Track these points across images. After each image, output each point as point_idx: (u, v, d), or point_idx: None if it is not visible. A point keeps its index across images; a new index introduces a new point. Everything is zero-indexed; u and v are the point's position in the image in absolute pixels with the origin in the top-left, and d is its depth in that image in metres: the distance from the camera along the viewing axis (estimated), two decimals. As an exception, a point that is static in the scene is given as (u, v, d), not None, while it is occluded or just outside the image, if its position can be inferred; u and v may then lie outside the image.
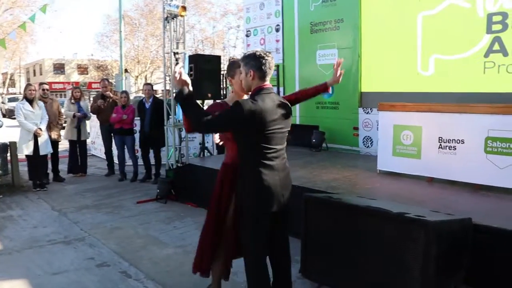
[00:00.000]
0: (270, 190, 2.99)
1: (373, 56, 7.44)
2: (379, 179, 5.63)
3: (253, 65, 3.00)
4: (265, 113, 2.88)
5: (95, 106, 8.59)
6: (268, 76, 3.04)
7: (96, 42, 48.59)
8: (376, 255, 3.45)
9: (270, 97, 3.00)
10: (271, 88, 3.08)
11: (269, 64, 3.02)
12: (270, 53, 3.08)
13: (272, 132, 2.96)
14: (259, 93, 2.98)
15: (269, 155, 2.98)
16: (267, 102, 2.93)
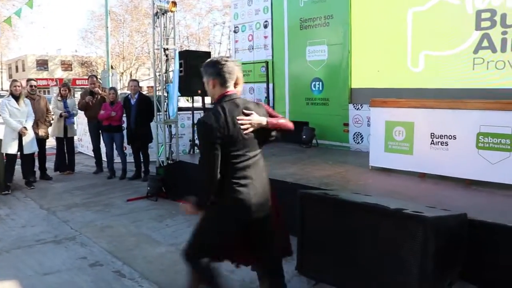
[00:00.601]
0: (243, 200, 2.88)
1: (363, 52, 7.43)
2: (372, 175, 5.64)
3: (211, 73, 2.92)
4: (227, 121, 2.79)
5: (83, 103, 8.48)
6: (229, 81, 2.92)
7: (80, 38, 47.88)
8: (374, 251, 3.44)
9: (235, 102, 2.90)
10: (234, 94, 2.95)
11: (228, 69, 2.89)
12: (229, 57, 3.02)
13: (239, 140, 2.85)
14: (222, 101, 2.89)
15: (242, 163, 2.88)
16: (231, 108, 2.84)
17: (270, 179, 5.31)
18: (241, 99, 3.00)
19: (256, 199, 2.94)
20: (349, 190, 4.77)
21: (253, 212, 2.94)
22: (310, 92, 8.38)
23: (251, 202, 2.91)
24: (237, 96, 2.97)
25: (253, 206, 2.92)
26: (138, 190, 7.26)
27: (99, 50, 41.28)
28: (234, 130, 2.81)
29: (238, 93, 3.06)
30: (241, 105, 2.91)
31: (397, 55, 6.93)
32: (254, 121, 2.89)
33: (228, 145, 2.81)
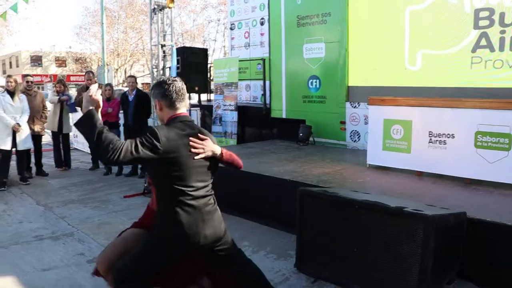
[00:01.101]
0: (188, 234, 2.59)
1: (360, 50, 7.46)
2: (369, 173, 5.66)
3: (157, 94, 2.70)
4: (171, 143, 2.49)
5: (80, 99, 8.42)
6: (178, 102, 2.67)
7: (75, 34, 47.63)
8: (374, 249, 3.46)
9: (188, 124, 2.66)
10: (187, 117, 2.73)
11: (175, 89, 2.66)
12: (176, 77, 2.78)
13: (188, 168, 2.57)
14: (174, 121, 2.64)
15: (189, 193, 2.59)
16: (183, 128, 2.60)
17: (267, 176, 5.38)
18: (194, 123, 2.77)
19: (203, 232, 2.65)
20: (347, 188, 4.79)
21: (198, 245, 2.67)
22: (307, 89, 8.39)
23: (195, 235, 2.63)
24: (190, 119, 2.74)
25: (199, 239, 2.64)
26: (135, 187, 7.24)
27: (93, 47, 41.14)
28: (184, 151, 2.54)
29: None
30: (196, 129, 2.70)
31: (395, 53, 6.96)
32: (208, 148, 2.65)
33: (174, 165, 2.52)
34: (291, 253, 4.32)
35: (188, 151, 2.56)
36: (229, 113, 9.51)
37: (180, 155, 2.52)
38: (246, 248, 4.59)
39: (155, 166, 2.57)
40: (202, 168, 2.66)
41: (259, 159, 6.56)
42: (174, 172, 2.54)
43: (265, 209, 5.40)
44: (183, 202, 2.58)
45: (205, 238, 2.67)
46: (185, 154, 2.54)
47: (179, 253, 2.69)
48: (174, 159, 2.50)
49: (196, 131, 2.66)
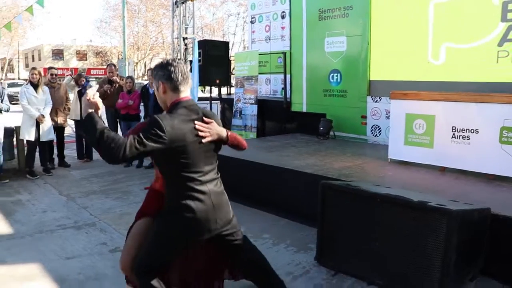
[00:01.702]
0: (199, 220, 2.57)
1: (383, 44, 7.37)
2: (391, 168, 5.61)
3: (161, 76, 2.59)
4: (177, 131, 2.42)
5: (101, 91, 8.50)
6: (182, 85, 2.59)
7: (95, 28, 48.11)
8: (395, 244, 3.44)
9: (193, 109, 2.59)
10: (191, 100, 2.63)
11: (180, 71, 2.58)
12: (180, 59, 2.70)
13: (195, 154, 2.53)
14: (176, 107, 2.55)
15: (197, 179, 2.55)
16: (188, 114, 2.53)
17: (288, 170, 5.38)
18: (198, 106, 2.69)
19: (213, 217, 2.63)
20: (369, 182, 4.75)
21: (209, 230, 2.65)
22: (328, 83, 8.34)
23: (206, 220, 2.61)
24: (194, 103, 2.65)
25: (210, 225, 2.63)
26: (155, 179, 7.29)
27: (114, 40, 41.54)
28: (190, 137, 2.49)
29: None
30: (200, 112, 2.62)
31: (418, 47, 6.85)
32: (214, 131, 2.61)
33: (181, 153, 2.47)
34: (311, 246, 4.32)
35: (195, 136, 2.51)
36: (249, 107, 9.51)
37: (187, 142, 2.47)
38: (266, 241, 4.62)
39: (162, 155, 2.50)
40: (209, 152, 2.63)
41: (280, 153, 6.56)
42: (182, 160, 2.49)
43: (286, 202, 5.40)
44: (193, 188, 2.55)
45: (216, 223, 2.65)
46: (192, 140, 2.49)
47: (191, 240, 2.67)
48: (181, 147, 2.45)
49: (200, 116, 2.60)
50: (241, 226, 4.94)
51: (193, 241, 2.69)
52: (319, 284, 3.63)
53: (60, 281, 3.69)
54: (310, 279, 3.73)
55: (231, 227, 2.84)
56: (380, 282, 3.53)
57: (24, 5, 28.88)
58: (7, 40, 36.23)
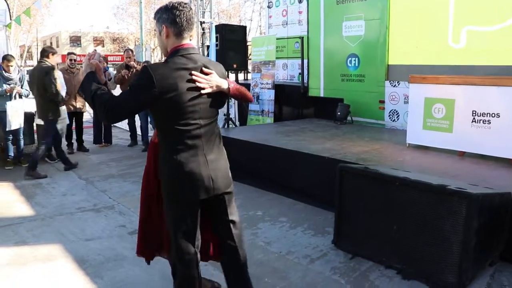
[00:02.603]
0: (192, 175, 2.42)
1: (402, 27, 7.26)
2: (409, 152, 5.56)
3: (165, 19, 2.41)
4: (166, 80, 2.28)
5: (119, 76, 8.56)
6: (186, 32, 2.43)
7: (112, 14, 48.27)
8: (414, 227, 3.42)
9: (192, 58, 2.41)
10: (192, 48, 2.46)
11: (185, 16, 2.40)
12: (187, 3, 2.47)
13: (189, 105, 2.35)
14: (175, 54, 2.40)
15: (190, 133, 2.40)
16: (185, 63, 2.36)
17: (306, 154, 5.37)
18: (199, 55, 2.53)
19: (207, 173, 2.47)
20: (387, 166, 4.72)
21: (206, 188, 2.48)
22: (346, 68, 8.26)
23: (201, 177, 2.45)
24: (195, 51, 2.48)
25: (204, 181, 2.46)
26: (173, 163, 7.35)
27: (131, 27, 41.60)
28: (184, 89, 2.32)
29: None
30: (199, 62, 2.43)
31: (437, 30, 6.73)
32: (213, 82, 2.41)
33: (174, 107, 2.33)
34: (328, 230, 4.32)
35: (190, 87, 2.34)
36: (266, 91, 9.48)
37: (179, 92, 2.30)
38: (284, 224, 4.63)
39: (155, 107, 2.36)
40: (205, 104, 2.43)
41: (297, 137, 6.54)
42: (175, 111, 2.34)
43: (303, 186, 5.40)
44: (185, 142, 2.40)
45: (211, 180, 2.48)
46: (185, 91, 2.32)
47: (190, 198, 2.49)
48: (173, 97, 2.29)
49: (199, 65, 2.41)
50: (259, 210, 4.99)
51: (191, 199, 2.50)
52: (337, 267, 3.64)
53: (80, 262, 3.75)
54: (328, 262, 3.74)
55: (229, 192, 2.67)
56: (397, 266, 3.52)
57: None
58: (26, 27, 36.55)
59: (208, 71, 2.42)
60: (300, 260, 3.79)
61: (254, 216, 4.89)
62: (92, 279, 3.47)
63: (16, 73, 7.01)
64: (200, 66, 2.41)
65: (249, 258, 3.79)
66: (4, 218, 4.86)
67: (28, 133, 7.77)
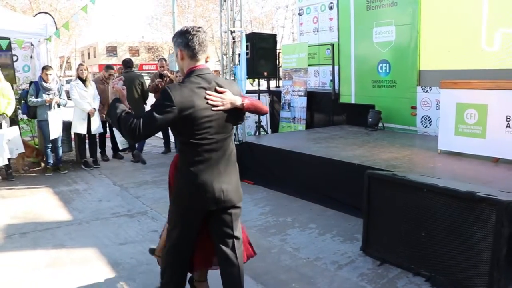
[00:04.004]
0: (204, 186, 2.58)
1: (433, 32, 7.18)
2: (441, 158, 5.49)
3: (180, 43, 2.61)
4: (184, 100, 2.44)
5: (153, 85, 8.76)
6: (200, 54, 2.60)
7: (147, 24, 49.30)
8: (443, 234, 3.39)
9: (206, 78, 2.58)
10: (206, 69, 2.62)
11: (198, 40, 2.58)
12: (200, 28, 2.65)
13: (206, 121, 2.51)
14: (190, 75, 2.58)
15: (206, 146, 2.56)
16: (200, 83, 2.53)
17: (336, 161, 5.38)
18: (213, 75, 2.67)
19: (219, 185, 2.61)
20: (417, 172, 4.68)
21: (216, 200, 2.61)
22: (377, 74, 8.22)
23: (212, 189, 2.59)
24: (209, 72, 2.64)
25: (214, 193, 2.60)
26: (205, 170, 7.47)
27: (165, 36, 42.28)
28: (201, 107, 2.48)
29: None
30: (213, 81, 2.59)
31: (470, 34, 6.63)
32: (227, 100, 2.57)
33: (191, 123, 2.49)
34: (357, 237, 4.32)
35: (205, 103, 2.50)
36: (298, 99, 9.52)
37: (196, 109, 2.46)
38: (313, 231, 4.65)
39: (176, 123, 2.51)
40: (220, 120, 2.57)
41: (328, 144, 6.55)
42: (192, 126, 2.50)
43: (333, 193, 5.41)
44: (200, 155, 2.56)
45: (222, 192, 2.61)
46: (202, 108, 2.49)
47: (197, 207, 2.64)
48: (191, 114, 2.46)
49: (213, 84, 2.57)
50: (289, 216, 5.03)
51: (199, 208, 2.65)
52: (365, 274, 3.64)
53: (114, 265, 3.88)
54: (356, 269, 3.74)
55: (235, 214, 2.76)
56: (426, 273, 3.50)
57: (79, 5, 30.07)
58: (65, 39, 37.70)
59: (222, 89, 2.58)
60: (328, 266, 3.81)
61: (284, 222, 4.94)
62: (125, 281, 3.60)
63: (55, 83, 7.30)
64: (214, 86, 2.57)
65: (277, 263, 3.88)
66: (43, 222, 5.07)
67: (66, 141, 8.07)
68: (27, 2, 31.23)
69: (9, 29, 7.49)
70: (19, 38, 7.93)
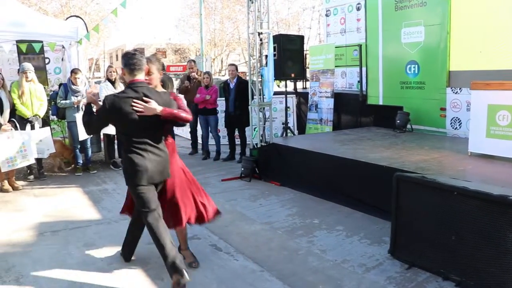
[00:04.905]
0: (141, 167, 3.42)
1: (464, 32, 7.05)
2: (471, 161, 5.39)
3: (122, 63, 3.51)
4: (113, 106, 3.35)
5: (182, 87, 8.86)
6: (136, 71, 3.45)
7: (174, 26, 49.74)
8: (474, 238, 3.33)
9: (135, 90, 3.42)
10: (139, 83, 3.47)
11: (133, 61, 3.44)
12: (137, 51, 3.59)
13: (130, 121, 3.37)
14: (128, 87, 3.48)
15: (135, 140, 3.45)
16: (130, 93, 3.39)
17: (363, 163, 5.34)
18: (146, 87, 3.50)
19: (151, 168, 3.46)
20: (447, 175, 4.61)
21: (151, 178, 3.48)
22: (405, 75, 8.12)
23: (146, 169, 3.44)
24: (142, 85, 3.48)
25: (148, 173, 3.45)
26: (231, 171, 7.52)
27: (192, 37, 42.63)
28: (127, 110, 3.34)
29: (153, 80, 3.73)
30: (141, 92, 3.41)
31: (503, 33, 6.48)
32: (148, 108, 3.37)
33: (124, 122, 3.40)
34: (385, 240, 4.28)
35: (131, 109, 3.35)
36: (325, 100, 9.49)
37: (122, 114, 3.35)
38: (340, 233, 4.63)
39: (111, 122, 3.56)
40: (146, 123, 3.41)
41: (355, 146, 6.51)
42: (123, 127, 3.48)
43: (361, 195, 5.37)
44: (132, 149, 3.44)
45: (158, 174, 3.54)
46: (128, 113, 3.34)
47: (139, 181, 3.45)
48: (118, 117, 3.39)
49: (140, 95, 3.40)
50: (316, 218, 5.01)
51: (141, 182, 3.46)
52: (392, 277, 3.60)
53: (142, 264, 3.95)
54: (383, 272, 3.71)
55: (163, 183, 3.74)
56: (456, 278, 3.44)
57: (109, 8, 30.59)
58: (94, 41, 38.40)
59: (147, 100, 3.40)
60: (356, 268, 3.79)
61: (311, 224, 4.93)
62: (153, 280, 3.66)
63: (83, 85, 7.46)
64: (141, 96, 3.40)
65: (304, 265, 3.88)
66: (74, 220, 5.19)
67: (96, 141, 8.23)
68: (58, 6, 31.97)
69: (42, 32, 7.71)
70: (52, 41, 8.15)
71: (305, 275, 3.69)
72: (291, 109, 10.42)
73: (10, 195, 6.35)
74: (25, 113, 6.79)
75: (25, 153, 6.40)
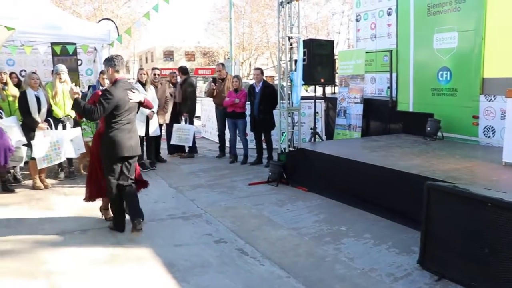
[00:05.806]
0: (122, 142, 4.59)
1: (499, 38, 6.86)
2: (506, 171, 5.24)
3: (109, 64, 4.69)
4: (118, 96, 4.53)
5: (209, 90, 8.91)
6: (121, 69, 4.70)
7: (203, 29, 50.25)
8: (508, 252, 3.23)
9: (125, 84, 4.73)
10: (124, 79, 4.78)
11: (119, 61, 4.70)
12: (119, 55, 4.82)
13: (124, 109, 4.60)
14: (118, 82, 4.65)
15: (120, 122, 4.59)
16: (124, 86, 4.65)
17: (393, 170, 5.25)
18: (128, 83, 4.83)
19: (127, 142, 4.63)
20: (480, 185, 4.48)
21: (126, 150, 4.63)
22: (437, 82, 7.96)
23: (123, 142, 4.60)
24: (126, 80, 4.80)
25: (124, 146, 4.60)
26: (259, 175, 7.51)
27: (220, 41, 42.93)
28: (125, 98, 4.59)
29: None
30: (129, 86, 4.77)
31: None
32: (137, 96, 4.77)
33: (120, 107, 4.55)
34: (414, 249, 4.19)
35: (126, 97, 4.61)
36: (354, 106, 9.40)
37: (123, 100, 4.58)
38: (368, 240, 4.57)
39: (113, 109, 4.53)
40: (131, 107, 4.72)
41: (385, 153, 6.42)
42: (120, 109, 4.57)
43: (389, 203, 5.29)
44: (117, 126, 4.59)
45: (131, 148, 4.69)
46: (126, 100, 4.60)
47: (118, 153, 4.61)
48: (121, 102, 4.55)
49: (130, 87, 4.76)
50: (343, 225, 4.96)
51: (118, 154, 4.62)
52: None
53: (169, 266, 3.97)
54: (412, 283, 3.64)
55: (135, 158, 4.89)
56: (489, 291, 3.34)
57: (140, 11, 31.09)
58: (125, 43, 39.05)
59: (134, 90, 4.78)
60: (383, 278, 3.72)
61: (338, 231, 4.87)
62: (179, 282, 3.66)
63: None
64: (130, 88, 4.73)
65: (331, 272, 3.84)
66: (102, 220, 5.27)
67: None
68: (91, 9, 32.68)
69: (75, 34, 7.88)
70: (85, 43, 8.30)
71: (332, 283, 3.65)
72: (320, 114, 10.36)
73: (41, 193, 6.49)
74: (58, 113, 6.95)
75: (59, 151, 6.54)
